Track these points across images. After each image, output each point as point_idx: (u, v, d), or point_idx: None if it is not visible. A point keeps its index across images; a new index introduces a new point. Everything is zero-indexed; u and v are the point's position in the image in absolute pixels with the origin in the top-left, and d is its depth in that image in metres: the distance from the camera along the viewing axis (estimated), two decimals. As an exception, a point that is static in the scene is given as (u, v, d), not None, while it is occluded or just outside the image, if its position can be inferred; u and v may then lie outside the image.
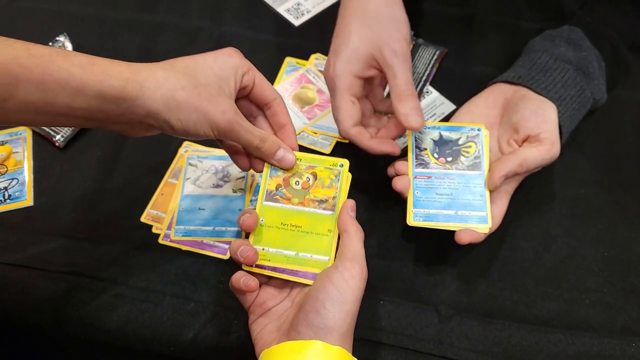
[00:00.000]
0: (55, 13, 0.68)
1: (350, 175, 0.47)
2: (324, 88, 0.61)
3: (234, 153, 0.47)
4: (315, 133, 0.58)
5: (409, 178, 0.49)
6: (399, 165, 0.50)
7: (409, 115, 0.47)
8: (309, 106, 0.61)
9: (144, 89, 0.39)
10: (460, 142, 0.50)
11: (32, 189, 0.56)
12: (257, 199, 0.46)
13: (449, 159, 0.49)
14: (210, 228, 0.53)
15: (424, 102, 0.60)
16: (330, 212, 0.45)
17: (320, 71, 0.62)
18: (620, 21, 0.56)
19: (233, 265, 0.50)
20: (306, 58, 0.64)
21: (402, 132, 0.51)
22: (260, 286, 0.46)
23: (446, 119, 0.59)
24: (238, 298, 0.46)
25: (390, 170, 0.51)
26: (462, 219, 0.47)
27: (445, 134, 0.50)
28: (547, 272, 0.51)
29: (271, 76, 0.63)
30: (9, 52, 0.37)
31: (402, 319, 0.48)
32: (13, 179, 0.57)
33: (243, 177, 0.55)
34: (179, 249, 0.52)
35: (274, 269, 0.46)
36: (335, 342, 0.39)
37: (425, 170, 0.49)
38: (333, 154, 0.57)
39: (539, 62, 0.53)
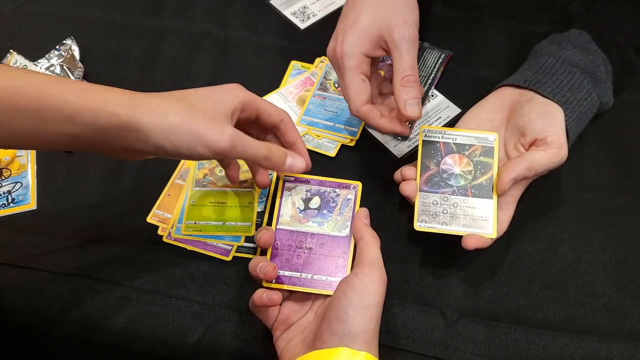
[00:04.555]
0: (62, 17, 0.69)
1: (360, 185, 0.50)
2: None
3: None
4: (319, 136, 0.58)
5: (417, 184, 0.49)
6: (406, 170, 0.50)
7: (408, 103, 0.47)
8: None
9: (136, 114, 0.39)
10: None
11: (36, 193, 0.56)
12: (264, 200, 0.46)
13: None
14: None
15: (429, 105, 0.60)
16: (249, 189, 0.54)
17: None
18: (627, 25, 0.56)
19: (238, 267, 0.50)
20: (311, 61, 0.64)
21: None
22: (281, 302, 0.46)
23: (451, 122, 0.59)
24: (260, 317, 0.45)
25: (397, 176, 0.51)
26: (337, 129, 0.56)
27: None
28: (554, 276, 0.50)
29: (276, 79, 0.63)
30: (9, 80, 0.37)
31: (408, 322, 0.48)
32: (17, 182, 0.57)
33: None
34: (185, 250, 0.52)
35: (294, 283, 0.46)
36: (361, 348, 0.39)
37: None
38: (338, 157, 0.57)
39: (546, 65, 0.53)
